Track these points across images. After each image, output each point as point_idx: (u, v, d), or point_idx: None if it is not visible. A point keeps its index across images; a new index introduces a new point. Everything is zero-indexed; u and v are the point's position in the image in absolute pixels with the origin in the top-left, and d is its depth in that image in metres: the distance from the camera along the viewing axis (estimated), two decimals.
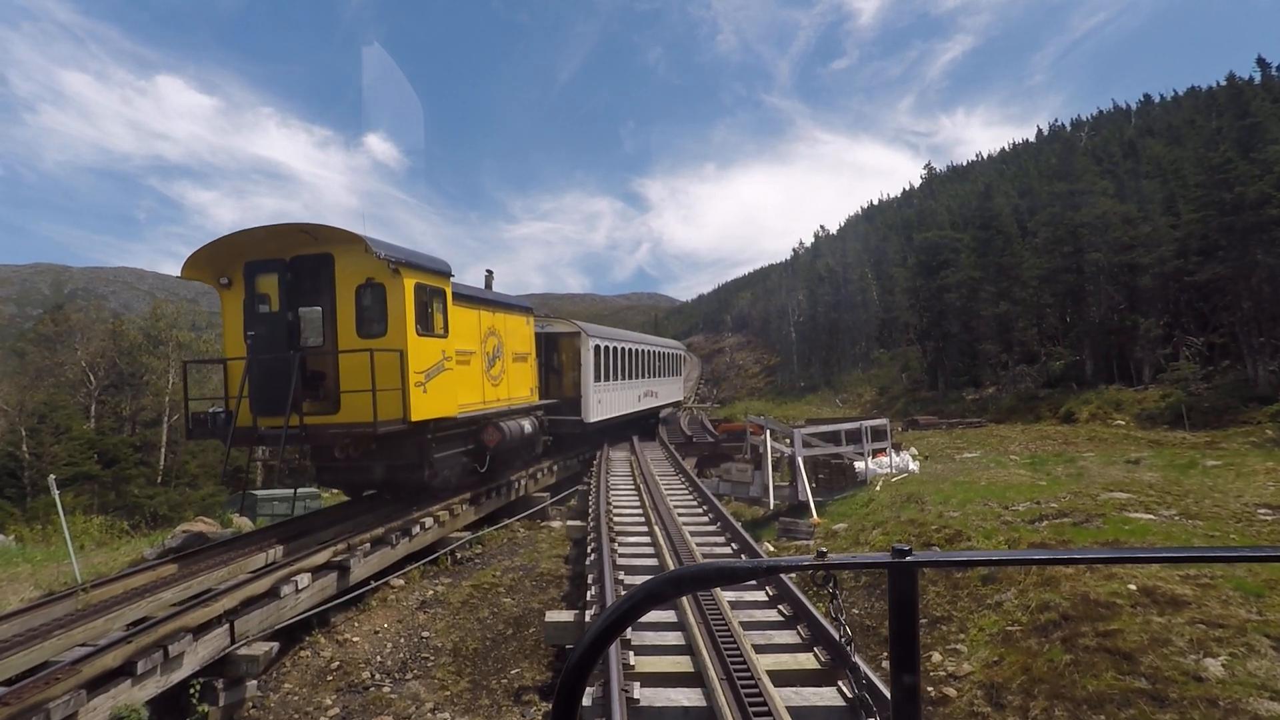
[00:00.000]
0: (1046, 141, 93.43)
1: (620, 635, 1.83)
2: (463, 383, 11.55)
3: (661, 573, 2.19)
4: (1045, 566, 7.91)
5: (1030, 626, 6.68)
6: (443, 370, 10.59)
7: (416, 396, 9.82)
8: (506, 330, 13.74)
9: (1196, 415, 21.59)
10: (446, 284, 11.02)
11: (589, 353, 17.56)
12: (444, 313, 10.89)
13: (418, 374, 9.88)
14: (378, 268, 9.66)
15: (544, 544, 12.45)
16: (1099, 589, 6.87)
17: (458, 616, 9.08)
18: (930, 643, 7.34)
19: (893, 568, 1.20)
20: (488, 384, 12.70)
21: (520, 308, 14.76)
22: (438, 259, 10.91)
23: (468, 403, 11.73)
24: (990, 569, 8.19)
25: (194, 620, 6.44)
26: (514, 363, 14.01)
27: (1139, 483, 11.25)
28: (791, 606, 6.46)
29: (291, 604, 7.76)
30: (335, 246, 9.88)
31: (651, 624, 6.25)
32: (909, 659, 1.21)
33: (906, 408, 36.65)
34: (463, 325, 11.73)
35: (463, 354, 11.61)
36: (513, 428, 12.50)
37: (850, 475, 13.86)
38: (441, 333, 10.78)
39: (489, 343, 12.88)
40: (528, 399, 14.70)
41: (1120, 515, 9.33)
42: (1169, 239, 30.48)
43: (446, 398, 10.66)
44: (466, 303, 12.05)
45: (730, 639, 5.65)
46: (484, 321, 12.70)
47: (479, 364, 12.39)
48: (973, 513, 10.25)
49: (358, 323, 9.96)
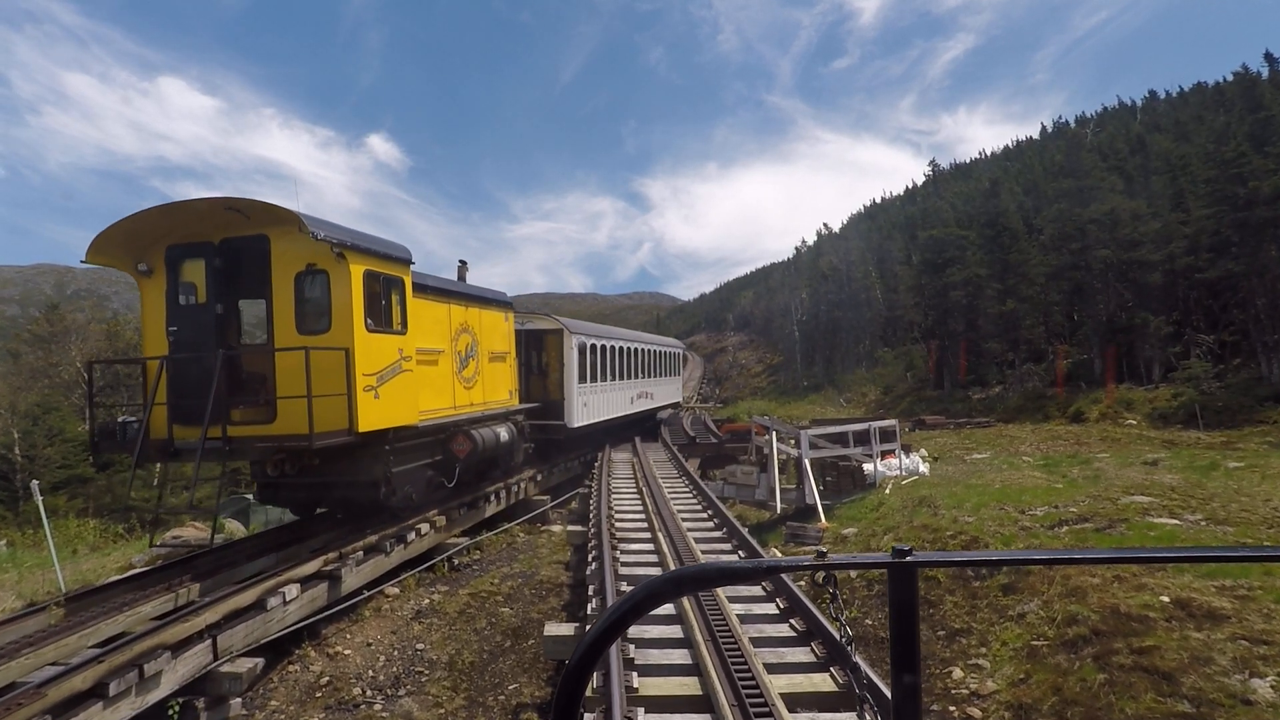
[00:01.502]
0: (1051, 138, 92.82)
1: (620, 635, 1.79)
2: (428, 386, 10.35)
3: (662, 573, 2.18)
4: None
5: (1058, 641, 6.30)
6: (400, 372, 9.25)
7: (366, 403, 8.46)
8: (482, 327, 12.44)
9: (1210, 414, 21.16)
10: (405, 272, 9.67)
11: (572, 351, 16.33)
12: (403, 305, 9.51)
13: (367, 376, 8.52)
14: (319, 252, 8.24)
15: (544, 549, 12.10)
16: (1129, 601, 6.49)
17: (454, 627, 8.74)
18: (950, 656, 6.98)
19: (892, 568, 1.20)
20: (459, 387, 11.48)
21: (498, 302, 13.48)
22: (395, 243, 9.57)
23: (434, 408, 10.50)
24: (1008, 576, 7.83)
25: (173, 636, 6.09)
26: (490, 363, 12.75)
27: (1160, 485, 10.86)
28: (804, 621, 6.10)
29: (279, 616, 7.41)
30: (271, 227, 8.41)
31: (656, 640, 5.90)
32: (909, 659, 1.21)
33: (912, 407, 36.24)
34: (429, 321, 10.53)
35: (427, 353, 10.37)
36: (487, 436, 11.29)
37: (859, 478, 13.49)
38: (399, 328, 9.39)
39: (461, 341, 11.59)
40: (506, 403, 13.43)
41: (1144, 520, 8.95)
42: (1178, 235, 30.03)
43: (405, 403, 9.35)
44: (434, 295, 10.79)
45: (739, 656, 5.29)
46: (455, 317, 11.43)
47: (449, 364, 11.15)
48: (989, 518, 9.87)
49: (297, 316, 8.52)
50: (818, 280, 67.13)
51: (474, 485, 12.37)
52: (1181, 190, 33.81)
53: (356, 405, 8.30)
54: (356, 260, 8.56)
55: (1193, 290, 30.84)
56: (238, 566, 8.31)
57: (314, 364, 7.82)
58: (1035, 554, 2.46)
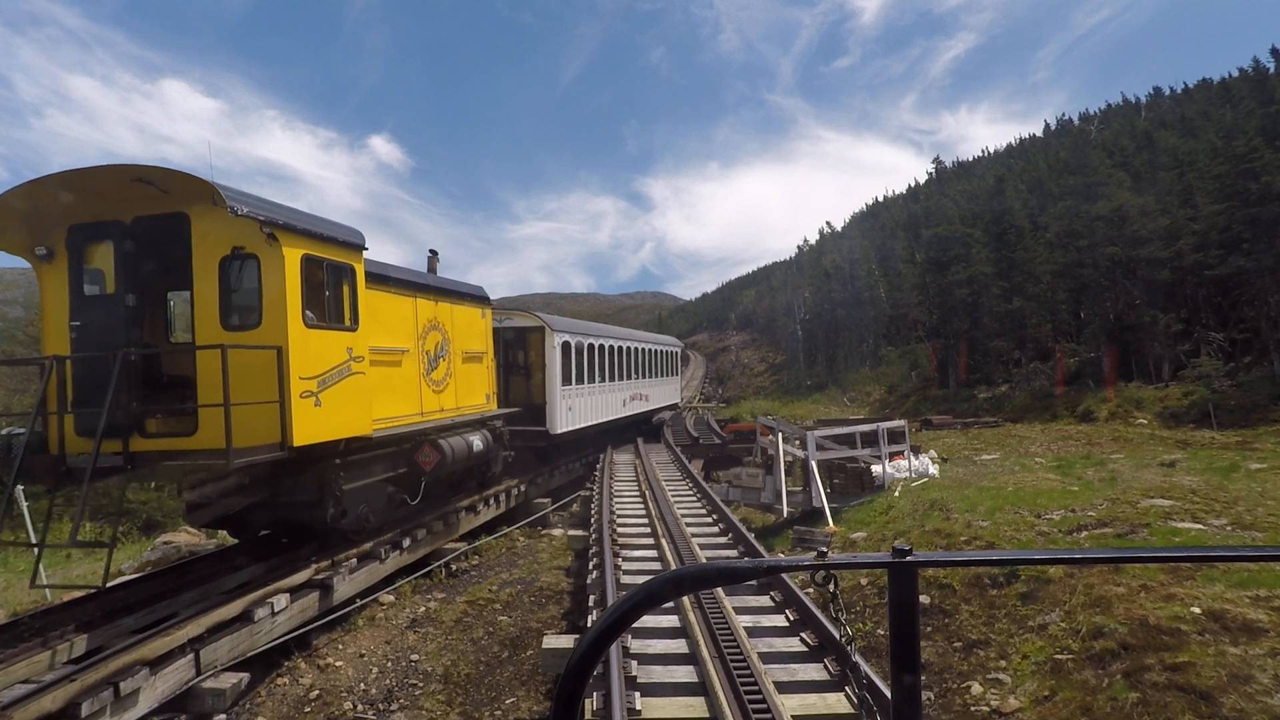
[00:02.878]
0: (1055, 136, 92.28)
1: (621, 635, 1.75)
2: (388, 390, 9.24)
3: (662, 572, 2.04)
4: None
5: (1084, 655, 5.97)
6: (349, 375, 8.01)
7: (303, 412, 7.20)
8: (455, 324, 11.29)
9: (1223, 414, 20.78)
10: (357, 259, 8.43)
11: (554, 351, 15.07)
12: (354, 297, 8.30)
13: (306, 380, 7.28)
14: (248, 233, 7.02)
15: (544, 554, 11.82)
16: (1159, 612, 6.16)
17: (450, 637, 8.44)
18: (967, 670, 6.65)
19: (892, 568, 1.20)
20: (427, 391, 10.33)
21: (473, 297, 12.29)
22: (343, 225, 8.34)
23: (396, 415, 9.42)
24: (1026, 585, 7.51)
25: (153, 651, 5.80)
26: (465, 364, 11.56)
27: (1180, 488, 10.51)
28: (816, 634, 5.78)
29: (267, 628, 7.12)
30: (192, 204, 7.18)
31: (661, 656, 5.59)
32: (909, 659, 1.21)
33: (917, 406, 35.88)
34: (390, 316, 9.45)
35: (387, 353, 9.28)
36: (457, 445, 10.25)
37: (867, 480, 13.16)
38: (348, 324, 8.18)
39: (430, 339, 10.47)
40: (482, 407, 12.23)
41: (1167, 525, 8.61)
42: (1186, 232, 29.62)
43: (355, 411, 8.15)
44: (397, 288, 9.69)
45: (748, 673, 4.98)
46: (423, 312, 10.31)
47: (414, 366, 10.02)
48: (1004, 522, 9.54)
49: (221, 309, 7.28)
50: (820, 279, 66.75)
51: (444, 500, 11.39)
52: (1189, 186, 33.39)
53: (291, 415, 7.03)
54: (292, 242, 7.32)
55: (1202, 288, 30.42)
56: (225, 576, 8.00)
57: (238, 365, 6.70)
58: (1035, 554, 2.43)
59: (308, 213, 7.79)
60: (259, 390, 6.93)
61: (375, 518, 9.16)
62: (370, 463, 9.02)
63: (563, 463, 16.62)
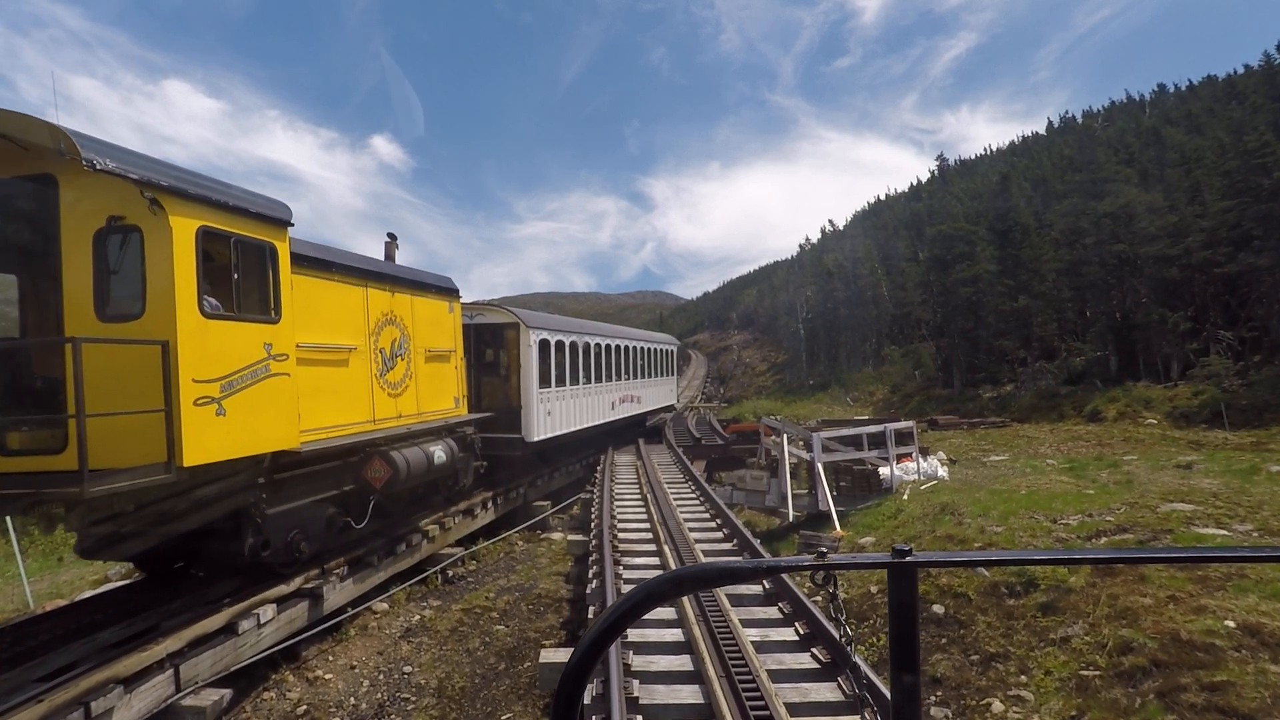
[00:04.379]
0: (1058, 134, 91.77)
1: (620, 635, 1.69)
2: (329, 394, 7.92)
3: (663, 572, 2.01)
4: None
5: (1112, 672, 5.65)
6: (268, 376, 6.66)
7: (198, 423, 5.80)
8: (416, 319, 10.03)
9: (1234, 413, 20.42)
10: (280, 236, 7.02)
11: (530, 349, 13.75)
12: (274, 282, 6.90)
13: (203, 383, 5.89)
14: (128, 198, 5.68)
15: (543, 559, 11.51)
16: (1190, 626, 5.84)
17: (445, 648, 8.14)
18: (986, 685, 6.33)
19: (892, 568, 1.21)
20: (382, 394, 9.08)
21: (439, 288, 10.88)
22: (261, 195, 6.97)
23: (340, 424, 8.10)
24: (1046, 595, 7.18)
25: (128, 668, 5.50)
26: (428, 364, 10.34)
27: (1200, 491, 10.18)
28: (829, 650, 5.46)
29: (252, 641, 6.82)
30: (60, 165, 5.71)
31: (665, 673, 5.28)
32: (909, 659, 1.22)
33: (921, 406, 35.53)
34: (333, 308, 8.14)
35: (328, 350, 7.96)
36: (414, 458, 8.97)
37: (874, 482, 12.83)
38: (269, 315, 6.82)
39: (385, 335, 9.18)
40: (450, 412, 10.91)
41: (1190, 531, 8.28)
42: (1195, 229, 29.24)
43: (276, 421, 6.75)
44: (343, 275, 8.36)
45: (758, 696, 4.66)
46: (376, 305, 9.04)
47: (365, 366, 8.72)
48: (1018, 527, 9.22)
49: (96, 294, 5.91)
50: (823, 278, 66.39)
51: (405, 519, 10.21)
52: (1197, 183, 33.00)
53: (180, 427, 5.63)
54: (184, 211, 5.88)
55: (1210, 285, 30.03)
56: (211, 585, 7.68)
57: (115, 365, 5.52)
58: (1034, 554, 2.41)
59: (209, 177, 6.38)
60: (141, 396, 5.56)
61: (311, 545, 7.75)
62: (303, 481, 7.64)
63: (540, 474, 15.26)
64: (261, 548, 7.03)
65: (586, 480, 16.53)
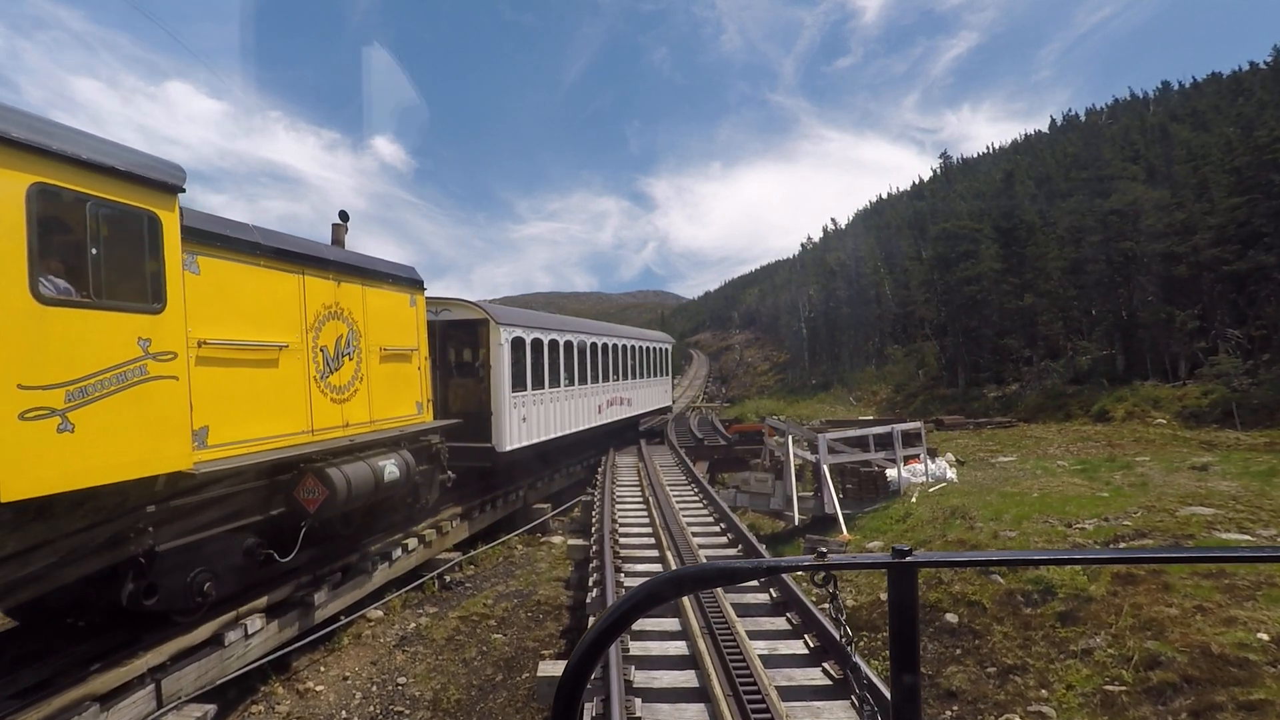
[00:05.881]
0: (1061, 132, 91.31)
1: (621, 635, 1.70)
2: (247, 400, 6.57)
3: (662, 572, 2.07)
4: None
5: (1139, 688, 5.37)
6: (142, 380, 5.27)
7: (29, 443, 4.47)
8: (369, 313, 8.82)
9: (1246, 413, 20.10)
10: (166, 204, 5.61)
11: (501, 348, 12.36)
12: (156, 261, 5.54)
13: (35, 390, 4.53)
14: None
15: (543, 563, 11.25)
16: (1221, 638, 5.56)
17: (441, 657, 7.88)
18: (1005, 700, 6.05)
19: (892, 568, 1.21)
20: (323, 400, 7.77)
21: (397, 279, 9.52)
22: (139, 152, 5.49)
23: (265, 435, 6.81)
24: (1065, 604, 6.90)
25: (105, 684, 5.25)
26: (384, 364, 9.13)
27: (1218, 494, 9.89)
28: (841, 665, 5.19)
29: (240, 652, 6.57)
30: None
31: (670, 690, 5.01)
32: (909, 659, 1.22)
33: (925, 406, 35.23)
34: (255, 297, 6.81)
35: (248, 348, 6.60)
36: (359, 475, 7.69)
37: (882, 485, 12.55)
38: (144, 303, 5.42)
39: (328, 331, 7.91)
40: (410, 419, 9.65)
41: (1212, 537, 8.00)
42: (1203, 226, 28.89)
43: (158, 437, 5.38)
44: (271, 259, 7.03)
45: (767, 715, 4.39)
46: (316, 295, 7.76)
47: (300, 367, 7.37)
48: (1033, 532, 8.93)
49: None
50: (825, 276, 66.07)
51: (352, 544, 8.92)
52: (1205, 180, 32.64)
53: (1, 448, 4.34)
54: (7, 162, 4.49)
55: (1218, 283, 29.68)
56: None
57: None
58: (1036, 554, 2.38)
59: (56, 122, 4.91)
60: None
61: (221, 585, 6.44)
62: (211, 508, 6.26)
63: (514, 487, 13.80)
64: (145, 594, 5.67)
65: (588, 482, 16.28)
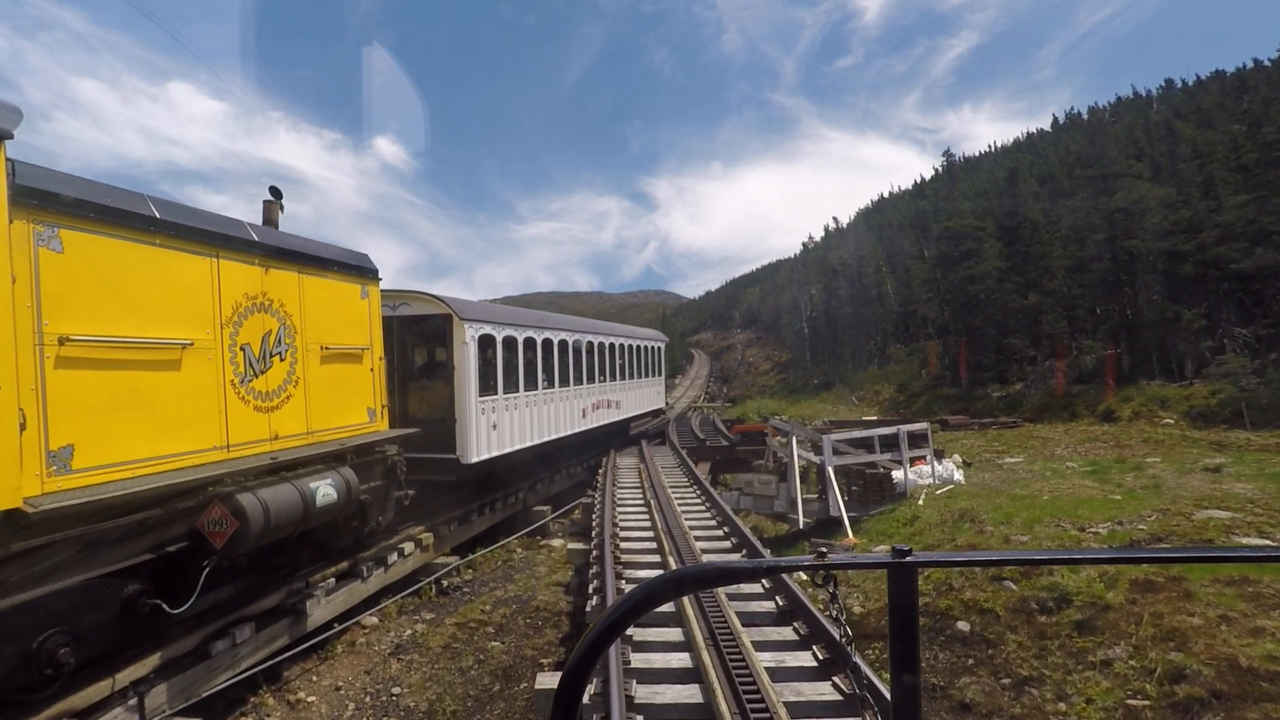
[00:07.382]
0: (1064, 130, 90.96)
1: (621, 635, 1.71)
2: (133, 411, 5.38)
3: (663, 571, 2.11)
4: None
5: (1164, 703, 5.14)
6: None
7: None
8: (306, 306, 7.56)
9: (1254, 413, 19.84)
10: None
11: (466, 347, 11.01)
12: None
13: None
14: None
15: (542, 567, 11.03)
16: (1248, 651, 5.32)
17: (436, 666, 7.66)
18: (1021, 714, 5.82)
19: (892, 568, 1.21)
20: (243, 408, 6.53)
21: (345, 267, 8.30)
22: None
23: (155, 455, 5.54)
24: (1082, 612, 6.67)
25: (84, 699, 5.03)
26: (327, 365, 7.87)
27: (1234, 497, 9.65)
28: (851, 680, 4.96)
29: (228, 663, 6.35)
30: None
31: (673, 706, 4.79)
32: (909, 659, 1.22)
33: (929, 406, 34.98)
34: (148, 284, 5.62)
35: (133, 347, 5.41)
36: (282, 500, 6.47)
37: (888, 487, 12.32)
38: None
39: (252, 326, 6.72)
40: (361, 429, 8.45)
41: (1231, 541, 7.75)
42: (1210, 224, 28.62)
43: None
44: (169, 237, 5.83)
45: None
46: (234, 284, 6.54)
47: (212, 369, 6.18)
48: (1044, 536, 8.70)
49: None
50: (827, 276, 65.81)
51: (286, 578, 7.63)
52: (1211, 178, 32.36)
53: None
54: None
55: (1225, 282, 29.41)
56: None
57: None
58: (1036, 554, 2.37)
59: None
60: None
61: (84, 649, 5.16)
62: (70, 549, 4.87)
63: (487, 501, 12.52)
64: None
65: (588, 483, 16.05)
